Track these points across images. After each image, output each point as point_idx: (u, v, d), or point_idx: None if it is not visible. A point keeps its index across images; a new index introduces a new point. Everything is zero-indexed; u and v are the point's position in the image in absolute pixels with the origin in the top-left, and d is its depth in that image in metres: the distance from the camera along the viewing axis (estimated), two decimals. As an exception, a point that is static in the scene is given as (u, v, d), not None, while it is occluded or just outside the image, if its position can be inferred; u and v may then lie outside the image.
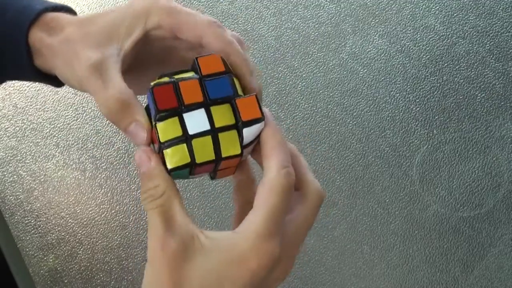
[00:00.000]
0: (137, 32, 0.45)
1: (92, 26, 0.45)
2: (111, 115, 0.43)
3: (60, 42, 0.46)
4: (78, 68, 0.44)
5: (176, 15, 0.45)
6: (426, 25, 0.96)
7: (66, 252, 0.91)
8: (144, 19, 0.45)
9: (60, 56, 0.46)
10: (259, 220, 0.38)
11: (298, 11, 0.99)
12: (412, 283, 0.86)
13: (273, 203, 0.38)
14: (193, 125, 0.41)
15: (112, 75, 0.44)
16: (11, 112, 0.97)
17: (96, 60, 0.44)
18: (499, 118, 0.91)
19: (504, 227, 0.87)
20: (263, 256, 0.38)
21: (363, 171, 0.91)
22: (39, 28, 0.46)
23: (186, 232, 0.38)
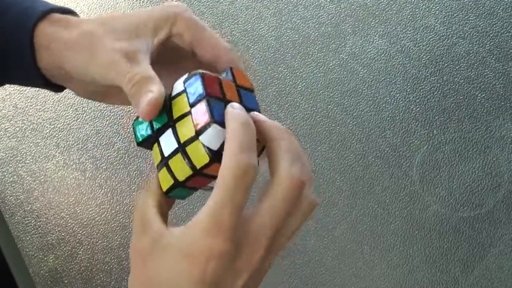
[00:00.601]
0: (163, 33, 0.45)
1: (116, 23, 0.45)
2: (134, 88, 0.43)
3: (81, 35, 0.45)
4: (105, 57, 0.44)
5: (200, 31, 0.46)
6: (426, 25, 0.96)
7: (66, 253, 0.91)
8: (170, 23, 0.45)
9: (77, 48, 0.45)
10: (203, 215, 0.37)
11: (298, 11, 0.99)
12: (412, 283, 0.86)
13: (216, 196, 0.37)
14: (166, 146, 0.42)
15: (142, 63, 0.44)
16: (11, 112, 0.97)
17: (128, 49, 0.44)
18: (499, 118, 0.91)
19: (504, 227, 0.87)
20: (207, 251, 0.37)
21: (363, 171, 0.91)
22: (50, 24, 0.46)
23: (157, 231, 0.39)
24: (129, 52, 0.44)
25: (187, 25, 0.46)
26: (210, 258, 0.37)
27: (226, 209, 0.37)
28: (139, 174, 0.93)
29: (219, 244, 0.37)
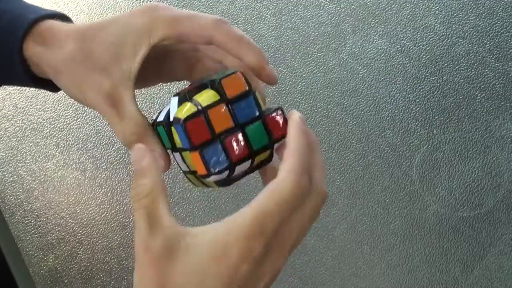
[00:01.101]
0: (143, 49, 0.44)
1: (94, 43, 0.45)
2: (129, 144, 0.44)
3: (61, 61, 0.45)
4: (90, 95, 0.44)
5: (180, 24, 0.44)
6: (426, 25, 0.96)
7: (66, 252, 0.91)
8: (147, 35, 0.44)
9: (64, 76, 0.45)
10: (249, 217, 0.37)
11: (298, 11, 0.99)
12: (412, 283, 0.86)
13: (267, 206, 0.37)
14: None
15: (127, 104, 0.44)
16: (11, 112, 0.97)
17: (108, 89, 0.44)
18: (499, 118, 0.91)
19: (504, 227, 0.87)
20: (242, 254, 0.37)
21: (363, 171, 0.91)
22: (34, 41, 0.46)
23: (171, 233, 0.38)
24: (112, 95, 0.44)
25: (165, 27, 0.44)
26: (246, 260, 0.37)
27: (273, 219, 0.37)
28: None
29: (258, 249, 0.37)
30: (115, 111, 0.44)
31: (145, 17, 0.44)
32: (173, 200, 0.91)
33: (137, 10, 0.45)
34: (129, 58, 0.44)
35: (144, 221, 0.38)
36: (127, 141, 0.44)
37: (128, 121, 0.44)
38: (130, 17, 0.45)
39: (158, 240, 0.38)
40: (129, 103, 0.44)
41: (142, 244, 0.38)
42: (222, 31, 0.44)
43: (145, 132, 0.44)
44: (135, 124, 0.44)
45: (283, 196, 0.37)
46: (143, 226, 0.38)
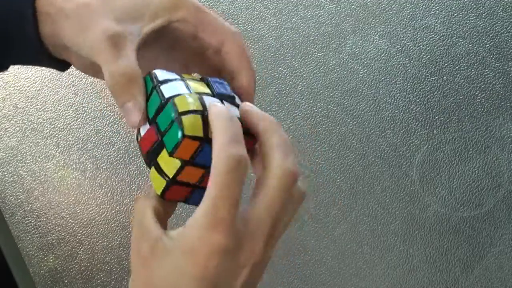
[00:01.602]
0: (160, 21, 0.45)
1: (117, 1, 0.45)
2: (115, 87, 0.43)
3: (79, 6, 0.44)
4: (94, 35, 0.43)
5: (204, 15, 0.45)
6: (426, 25, 0.96)
7: (66, 252, 0.91)
8: (170, 10, 0.45)
9: (74, 19, 0.44)
10: (200, 212, 0.37)
11: (298, 11, 0.99)
12: (412, 283, 0.86)
13: (212, 192, 0.37)
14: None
15: (127, 50, 0.43)
16: (12, 112, 0.97)
17: (116, 32, 0.43)
18: (499, 118, 0.91)
19: (504, 227, 0.87)
20: (207, 247, 0.37)
21: (363, 171, 0.91)
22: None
23: (154, 235, 0.39)
24: (116, 36, 0.43)
25: (190, 9, 0.45)
26: (212, 254, 0.37)
27: (223, 204, 0.37)
28: (139, 174, 0.93)
29: (219, 239, 0.37)
30: (114, 52, 0.43)
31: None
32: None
33: None
34: (145, 22, 0.44)
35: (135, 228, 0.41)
36: (116, 82, 0.43)
37: (123, 61, 0.43)
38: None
39: (145, 245, 0.39)
40: (130, 50, 0.43)
41: (133, 250, 0.41)
42: (237, 42, 0.45)
43: (136, 77, 0.43)
44: (130, 66, 0.43)
45: (220, 176, 0.37)
46: (134, 233, 0.41)
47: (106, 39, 0.43)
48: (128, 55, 0.43)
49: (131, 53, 0.43)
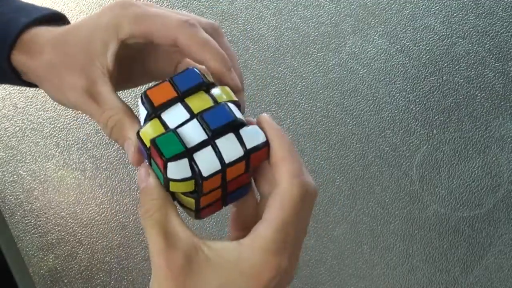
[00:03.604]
0: (113, 45, 0.45)
1: (67, 46, 0.45)
2: (111, 135, 0.44)
3: (43, 67, 0.46)
4: (70, 95, 0.45)
5: (145, 22, 0.44)
6: (426, 25, 0.96)
7: (66, 252, 0.91)
8: (115, 31, 0.44)
9: (47, 81, 0.46)
10: (270, 234, 0.37)
11: (298, 11, 0.99)
12: (412, 283, 0.86)
13: (283, 216, 0.37)
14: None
15: (106, 95, 0.44)
16: (11, 112, 0.97)
17: (85, 85, 0.44)
18: (499, 118, 0.91)
19: (504, 227, 0.87)
20: (273, 270, 0.37)
21: (363, 171, 0.91)
22: (20, 51, 0.47)
23: (189, 245, 0.37)
24: (89, 89, 0.44)
25: (131, 23, 0.44)
26: (276, 276, 0.37)
27: (293, 230, 0.37)
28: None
29: (284, 262, 0.37)
30: (95, 105, 0.44)
31: (112, 14, 0.45)
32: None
33: (106, 8, 0.46)
34: (100, 55, 0.44)
35: (159, 235, 0.38)
36: (110, 131, 0.44)
37: (108, 112, 0.44)
38: (100, 15, 0.45)
39: (178, 253, 0.37)
40: (107, 94, 0.44)
41: (162, 258, 0.37)
42: (186, 34, 0.43)
43: (123, 118, 0.43)
44: (115, 112, 0.44)
45: (295, 203, 0.37)
46: (159, 240, 0.38)
47: (82, 95, 0.44)
48: (110, 100, 0.44)
49: (111, 96, 0.44)
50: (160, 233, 0.38)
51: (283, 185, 0.38)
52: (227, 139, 0.39)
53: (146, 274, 0.89)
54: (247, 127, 0.39)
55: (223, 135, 0.39)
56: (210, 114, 0.39)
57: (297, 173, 0.38)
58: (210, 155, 0.38)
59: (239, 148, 0.39)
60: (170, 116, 0.40)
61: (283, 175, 0.38)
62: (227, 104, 0.40)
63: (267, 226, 0.37)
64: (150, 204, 0.39)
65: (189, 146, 0.38)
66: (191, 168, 0.38)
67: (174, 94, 0.41)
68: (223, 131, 0.39)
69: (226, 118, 0.39)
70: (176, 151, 0.38)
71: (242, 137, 0.39)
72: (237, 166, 0.39)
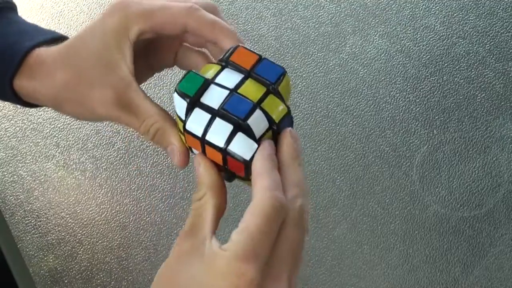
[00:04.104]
0: (128, 50, 0.45)
1: (79, 60, 0.45)
2: (153, 141, 0.45)
3: (57, 88, 0.45)
4: (100, 110, 0.45)
5: (153, 17, 0.44)
6: (426, 25, 0.96)
7: (66, 252, 0.91)
8: (125, 34, 0.44)
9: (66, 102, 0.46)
10: (237, 239, 0.37)
11: (298, 11, 0.99)
12: (412, 283, 0.86)
13: (254, 225, 0.37)
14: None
15: (140, 104, 0.44)
16: (11, 112, 0.97)
17: (115, 98, 0.44)
18: (499, 118, 0.91)
19: (504, 227, 0.87)
20: (235, 277, 0.37)
21: (363, 171, 0.91)
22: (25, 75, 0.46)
23: (200, 237, 0.39)
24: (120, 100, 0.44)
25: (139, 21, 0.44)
26: (240, 284, 0.37)
27: (265, 238, 0.37)
28: (139, 174, 0.93)
29: (251, 272, 0.37)
30: (130, 115, 0.44)
31: (118, 17, 0.44)
32: (173, 201, 0.91)
33: (107, 12, 0.45)
34: (121, 64, 0.44)
35: (189, 221, 0.40)
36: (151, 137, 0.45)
37: (148, 120, 0.44)
38: (104, 22, 0.45)
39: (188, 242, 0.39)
40: (141, 102, 0.44)
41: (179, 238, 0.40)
42: (194, 18, 0.44)
43: (164, 125, 0.44)
44: (154, 120, 0.44)
45: (265, 212, 0.37)
46: (187, 224, 0.40)
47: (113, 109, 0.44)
48: (146, 108, 0.44)
49: (144, 103, 0.44)
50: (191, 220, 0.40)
51: (256, 197, 0.38)
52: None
53: (146, 274, 0.89)
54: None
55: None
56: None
57: (270, 187, 0.38)
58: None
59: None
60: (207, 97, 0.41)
61: (258, 189, 0.39)
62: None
63: (237, 232, 0.38)
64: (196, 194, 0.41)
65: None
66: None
67: None
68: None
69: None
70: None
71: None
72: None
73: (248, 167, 0.41)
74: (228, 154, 0.41)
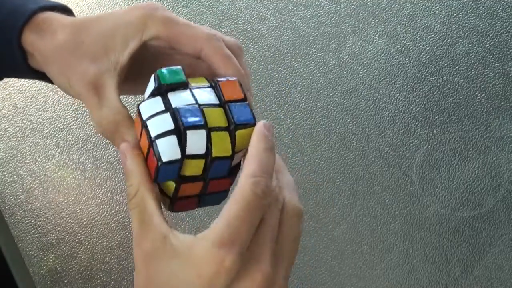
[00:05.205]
0: (134, 43, 0.45)
1: (86, 34, 0.45)
2: (104, 133, 0.44)
3: (53, 49, 0.45)
4: (75, 82, 0.45)
5: (174, 27, 0.44)
6: (426, 25, 0.96)
7: (66, 252, 0.91)
8: (141, 30, 0.45)
9: (53, 64, 0.46)
10: (217, 227, 0.37)
11: (298, 11, 0.99)
12: (412, 283, 0.86)
13: (232, 212, 0.37)
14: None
15: (108, 93, 0.44)
16: (11, 112, 0.97)
17: (93, 76, 0.44)
18: (499, 118, 0.91)
19: (504, 227, 0.87)
20: (214, 264, 0.36)
21: (363, 171, 0.91)
22: (31, 30, 0.46)
23: (158, 233, 0.38)
24: (95, 81, 0.44)
25: (160, 25, 0.44)
26: (219, 272, 0.36)
27: (243, 225, 0.37)
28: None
29: (230, 258, 0.36)
30: (96, 98, 0.44)
31: (142, 13, 0.45)
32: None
33: (136, 6, 0.45)
34: (118, 50, 0.44)
35: (136, 220, 0.40)
36: (103, 129, 0.44)
37: (106, 110, 0.44)
38: (127, 12, 0.45)
39: (147, 238, 0.39)
40: (110, 92, 0.44)
41: (135, 241, 0.39)
42: (212, 47, 0.44)
43: (122, 120, 0.44)
44: (114, 112, 0.44)
45: (245, 198, 0.37)
46: (135, 225, 0.39)
47: (86, 85, 0.44)
48: (110, 99, 0.44)
49: (112, 95, 0.44)
50: (138, 218, 0.39)
51: (240, 183, 0.38)
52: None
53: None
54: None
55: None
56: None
57: (252, 174, 0.38)
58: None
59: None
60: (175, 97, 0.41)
61: (242, 175, 0.38)
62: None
63: (218, 219, 0.37)
64: (129, 189, 0.40)
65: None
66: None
67: None
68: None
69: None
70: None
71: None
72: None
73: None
74: (152, 146, 0.39)
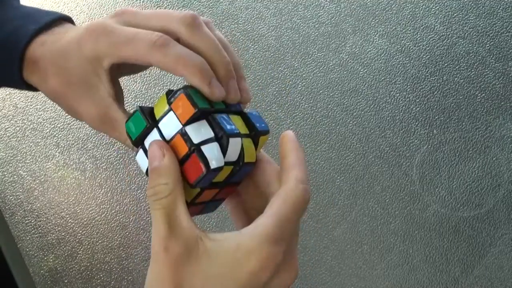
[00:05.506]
0: (103, 74, 0.45)
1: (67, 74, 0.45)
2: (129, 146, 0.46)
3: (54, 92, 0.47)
4: (86, 120, 0.46)
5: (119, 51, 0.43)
6: (426, 25, 0.96)
7: (66, 252, 0.91)
8: (99, 63, 0.44)
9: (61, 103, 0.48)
10: (270, 223, 0.38)
11: (298, 11, 0.99)
12: (412, 283, 0.86)
13: (285, 212, 0.39)
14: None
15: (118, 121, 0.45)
16: (11, 112, 0.97)
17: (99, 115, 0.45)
18: (499, 118, 0.91)
19: (504, 227, 0.87)
20: (266, 259, 0.37)
21: (363, 171, 0.91)
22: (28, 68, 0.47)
23: (190, 236, 0.38)
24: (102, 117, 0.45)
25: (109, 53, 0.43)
26: (267, 266, 0.38)
27: (291, 225, 0.39)
28: (139, 174, 0.93)
29: (280, 255, 0.38)
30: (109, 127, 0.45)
31: (90, 47, 0.44)
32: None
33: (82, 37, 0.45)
34: (100, 87, 0.45)
35: (163, 222, 0.38)
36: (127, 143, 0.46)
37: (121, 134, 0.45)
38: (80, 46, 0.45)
39: (178, 242, 0.38)
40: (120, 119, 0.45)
41: (162, 244, 0.38)
42: (156, 58, 0.42)
43: None
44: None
45: (297, 203, 0.39)
46: (162, 227, 0.38)
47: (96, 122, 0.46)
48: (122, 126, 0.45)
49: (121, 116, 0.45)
50: (166, 220, 0.38)
51: (289, 185, 0.40)
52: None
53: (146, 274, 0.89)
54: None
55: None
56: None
57: (303, 180, 0.40)
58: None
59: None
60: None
61: (291, 178, 0.40)
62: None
63: (269, 217, 0.38)
64: (160, 188, 0.39)
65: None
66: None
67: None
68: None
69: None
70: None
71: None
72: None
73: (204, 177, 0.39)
74: (195, 152, 0.39)
